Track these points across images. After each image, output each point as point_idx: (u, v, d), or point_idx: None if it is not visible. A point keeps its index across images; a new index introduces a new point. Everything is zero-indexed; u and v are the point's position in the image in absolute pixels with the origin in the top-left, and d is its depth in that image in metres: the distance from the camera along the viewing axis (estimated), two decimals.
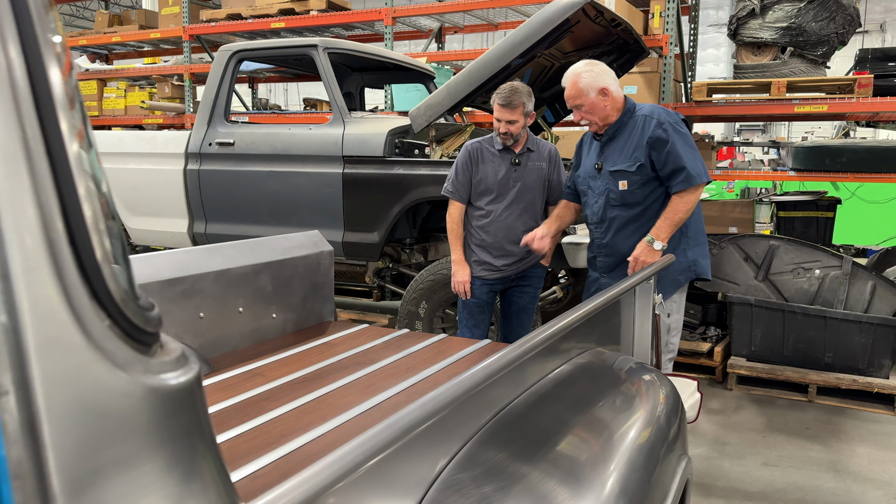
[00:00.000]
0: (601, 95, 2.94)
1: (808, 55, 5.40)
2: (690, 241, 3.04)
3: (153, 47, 9.74)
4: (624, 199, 3.00)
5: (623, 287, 1.94)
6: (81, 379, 0.43)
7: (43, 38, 0.46)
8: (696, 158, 2.90)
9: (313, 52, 4.57)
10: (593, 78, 2.93)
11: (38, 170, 0.43)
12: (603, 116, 2.98)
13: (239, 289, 2.56)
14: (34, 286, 0.41)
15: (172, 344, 0.59)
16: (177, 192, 4.96)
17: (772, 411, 4.17)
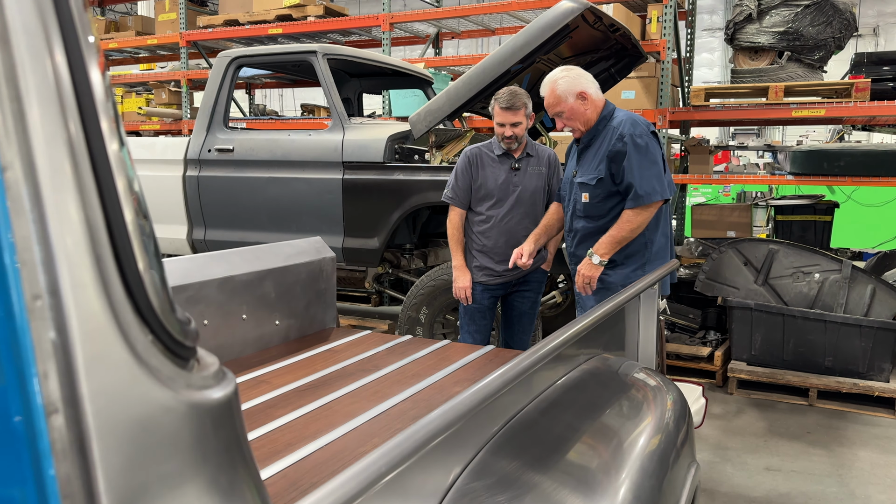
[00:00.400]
0: (580, 100, 2.87)
1: (805, 59, 5.43)
2: (652, 258, 2.94)
3: (150, 53, 9.72)
4: (587, 211, 2.94)
5: (629, 294, 1.94)
6: (128, 396, 0.42)
7: (84, 40, 0.46)
8: (651, 176, 2.78)
9: (312, 59, 4.57)
10: (570, 83, 2.85)
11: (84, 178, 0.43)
12: (584, 121, 2.91)
13: (243, 296, 2.55)
14: (82, 303, 0.41)
15: (209, 357, 0.59)
16: (176, 199, 4.95)
17: (773, 415, 4.18)
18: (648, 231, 2.90)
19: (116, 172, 0.46)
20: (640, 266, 2.93)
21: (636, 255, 2.93)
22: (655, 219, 2.92)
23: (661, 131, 5.66)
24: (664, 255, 2.99)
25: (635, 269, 2.92)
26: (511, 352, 2.66)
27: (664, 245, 3.00)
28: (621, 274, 2.93)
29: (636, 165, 2.77)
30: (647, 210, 2.81)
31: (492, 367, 2.46)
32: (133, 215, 0.47)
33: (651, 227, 2.91)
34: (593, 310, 1.84)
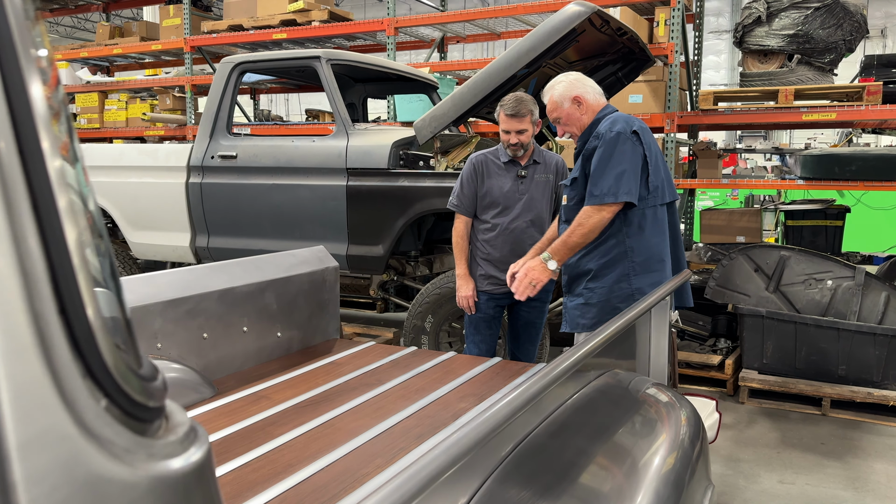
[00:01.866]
0: (575, 105, 2.77)
1: (815, 62, 5.35)
2: (637, 268, 2.70)
3: (155, 59, 9.72)
4: (567, 214, 2.80)
5: (641, 308, 1.87)
6: (74, 477, 0.36)
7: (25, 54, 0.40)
8: (611, 175, 2.60)
9: (316, 64, 4.52)
10: (566, 88, 2.77)
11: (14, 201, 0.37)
12: (580, 126, 2.80)
13: (243, 308, 2.50)
14: (13, 370, 0.34)
15: (179, 415, 0.52)
16: (179, 206, 4.91)
17: (785, 425, 4.09)
18: (628, 238, 2.70)
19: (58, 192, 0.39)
20: (623, 277, 2.71)
21: (616, 266, 2.71)
22: (640, 225, 2.70)
23: (669, 135, 5.59)
24: (657, 266, 2.74)
25: (618, 282, 2.72)
26: (517, 364, 2.59)
27: (657, 253, 2.75)
28: (603, 287, 2.74)
29: (597, 162, 2.63)
30: (601, 211, 2.63)
31: (498, 380, 2.40)
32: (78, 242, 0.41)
33: (632, 233, 2.70)
34: (606, 325, 1.77)
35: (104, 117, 8.69)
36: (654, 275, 2.71)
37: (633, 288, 2.71)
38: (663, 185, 2.76)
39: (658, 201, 2.73)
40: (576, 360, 1.54)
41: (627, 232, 2.70)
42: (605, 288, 2.73)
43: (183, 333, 2.28)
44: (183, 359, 2.26)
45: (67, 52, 9.02)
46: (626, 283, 2.72)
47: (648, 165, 2.69)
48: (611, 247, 2.71)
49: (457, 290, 3.44)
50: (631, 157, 2.64)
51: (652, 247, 2.72)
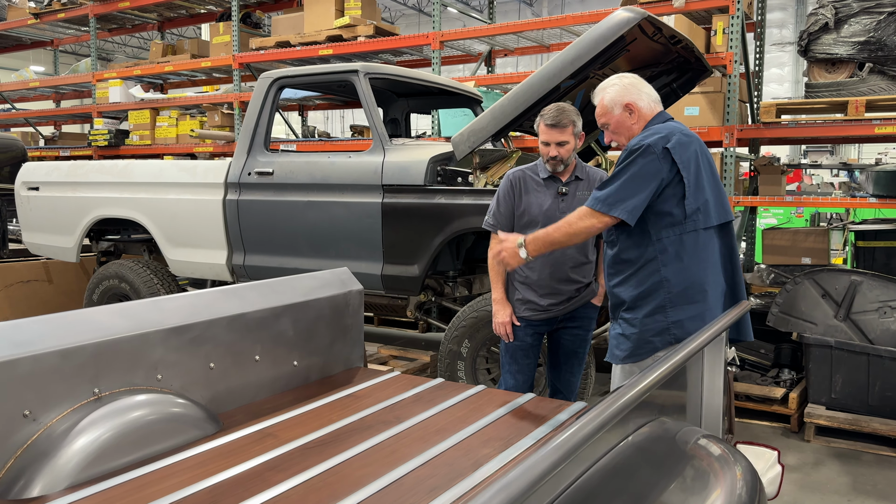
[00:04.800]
0: (626, 112, 2.53)
1: (889, 71, 4.96)
2: (675, 300, 2.43)
3: (206, 76, 9.83)
4: (606, 234, 2.57)
5: (692, 348, 1.62)
6: None
7: None
8: (620, 187, 2.39)
9: (354, 78, 4.38)
10: (618, 92, 2.54)
11: None
12: (629, 136, 2.55)
13: (256, 335, 2.33)
14: None
15: None
16: (216, 223, 4.82)
17: (857, 469, 3.71)
18: (664, 267, 2.44)
19: None
20: (658, 310, 2.45)
21: (651, 297, 2.46)
22: (675, 253, 2.44)
23: (728, 150, 5.26)
24: (698, 296, 2.46)
25: (652, 314, 2.46)
26: (551, 403, 2.35)
27: (697, 283, 2.46)
28: (636, 318, 2.49)
29: (620, 175, 2.42)
30: (593, 217, 2.44)
31: (529, 422, 2.16)
32: None
33: (667, 261, 2.44)
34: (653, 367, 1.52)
35: (155, 134, 8.80)
36: (695, 306, 2.44)
37: (670, 321, 2.44)
38: (708, 206, 2.46)
39: (700, 225, 2.44)
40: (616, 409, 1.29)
41: (663, 260, 2.44)
42: (639, 320, 2.49)
43: (187, 363, 2.12)
44: (186, 391, 2.10)
45: (122, 70, 9.19)
46: (662, 315, 2.46)
47: (685, 186, 2.42)
48: (645, 276, 2.47)
49: (493, 315, 3.22)
50: (646, 175, 2.39)
51: (692, 276, 2.45)
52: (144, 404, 1.96)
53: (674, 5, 5.48)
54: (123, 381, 1.96)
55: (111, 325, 1.95)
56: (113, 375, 1.93)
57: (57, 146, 10.38)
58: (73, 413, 1.83)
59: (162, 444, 1.93)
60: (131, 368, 1.98)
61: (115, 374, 1.94)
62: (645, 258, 2.46)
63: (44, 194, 5.62)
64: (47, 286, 6.41)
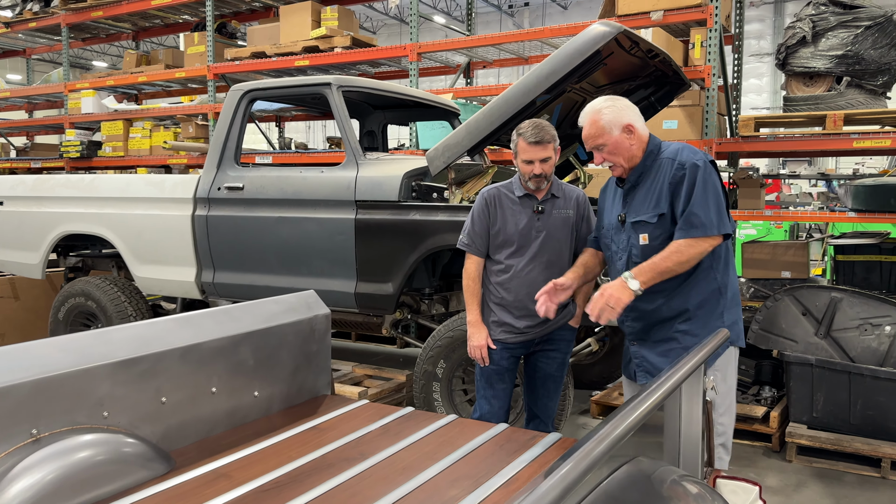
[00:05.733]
0: (626, 133, 2.53)
1: (866, 85, 4.94)
2: (727, 303, 2.57)
3: (181, 86, 9.67)
4: (646, 255, 2.52)
5: (671, 384, 1.52)
6: None
7: None
8: (712, 207, 2.44)
9: (327, 91, 4.28)
10: (616, 114, 2.53)
11: None
12: (628, 157, 2.56)
13: (212, 366, 2.21)
14: None
15: None
16: (185, 240, 4.69)
17: (839, 490, 3.64)
18: (720, 274, 2.55)
19: None
20: (717, 316, 2.56)
21: (711, 304, 2.55)
22: (725, 260, 2.58)
23: None
24: (739, 300, 2.65)
25: (713, 319, 2.54)
26: (525, 434, 2.25)
27: (737, 287, 2.66)
28: (699, 327, 2.54)
29: (696, 192, 2.44)
30: (700, 243, 2.44)
31: (501, 456, 2.06)
32: None
33: (721, 269, 2.57)
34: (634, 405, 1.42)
35: (129, 145, 8.62)
36: (737, 309, 2.62)
37: (727, 324, 2.54)
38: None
39: (732, 231, 2.56)
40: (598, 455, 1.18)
41: (717, 267, 2.55)
42: (703, 328, 2.53)
43: (136, 398, 1.99)
44: (135, 428, 1.98)
45: (94, 80, 9.01)
46: (720, 321, 2.55)
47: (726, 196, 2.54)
48: (704, 285, 2.54)
49: (468, 338, 3.10)
50: (718, 187, 2.50)
51: (734, 281, 2.64)
52: (88, 444, 1.83)
53: (651, 18, 5.43)
54: (65, 421, 1.84)
55: (51, 359, 1.82)
56: (53, 414, 1.80)
57: (28, 157, 10.16)
58: (7, 457, 1.70)
59: (107, 486, 1.80)
60: (74, 406, 1.85)
61: (56, 413, 1.81)
62: (702, 267, 2.52)
63: (8, 209, 5.45)
64: (13, 303, 6.22)
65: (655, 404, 1.47)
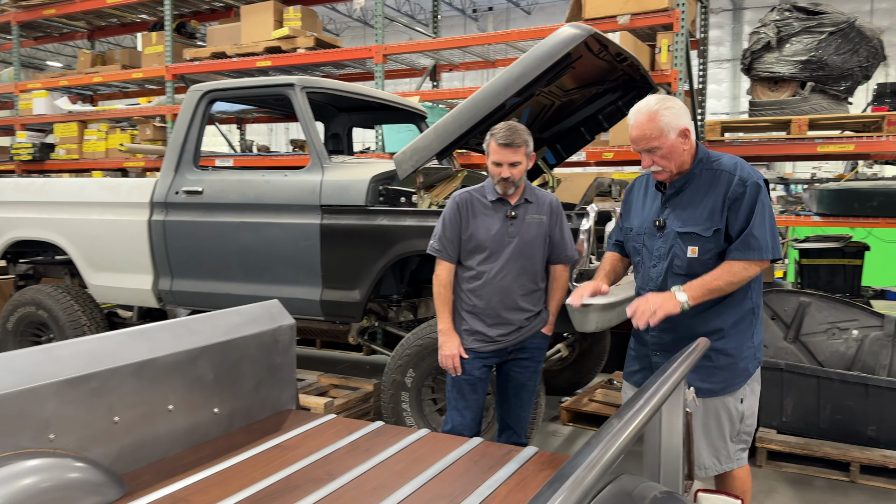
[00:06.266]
0: (682, 138, 2.40)
1: (830, 90, 4.98)
2: (757, 323, 2.54)
3: (139, 87, 9.40)
4: (692, 268, 2.43)
5: (658, 400, 1.45)
6: None
7: None
8: (768, 230, 2.38)
9: (290, 92, 4.15)
10: (674, 116, 2.39)
11: None
12: (679, 164, 2.44)
13: (169, 381, 2.08)
14: None
15: None
16: (141, 246, 4.50)
17: (810, 495, 3.64)
18: (755, 294, 2.52)
19: None
20: (749, 336, 2.51)
21: (743, 323, 2.49)
22: (759, 280, 2.54)
23: None
24: (762, 321, 2.63)
25: (746, 339, 2.50)
26: (501, 449, 2.16)
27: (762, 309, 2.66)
28: (733, 346, 2.48)
29: (756, 213, 2.37)
30: (753, 266, 2.39)
31: (476, 473, 1.97)
32: None
33: (756, 289, 2.53)
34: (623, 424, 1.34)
35: (83, 148, 8.35)
36: (762, 327, 2.60)
37: (756, 344, 2.52)
38: None
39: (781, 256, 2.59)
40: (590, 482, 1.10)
41: (754, 287, 2.51)
42: (734, 347, 2.48)
43: (86, 419, 1.85)
44: (85, 451, 1.84)
45: (47, 80, 8.71)
46: (751, 341, 2.52)
47: None
48: (743, 304, 2.49)
49: (439, 347, 3.00)
50: (771, 209, 2.47)
51: (761, 300, 2.61)
52: (33, 470, 1.69)
53: (618, 22, 5.42)
54: (7, 445, 1.69)
55: None
56: None
57: None
58: None
59: None
60: (17, 429, 1.71)
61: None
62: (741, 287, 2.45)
63: None
64: None
65: (646, 420, 1.39)
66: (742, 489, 2.59)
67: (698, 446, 2.55)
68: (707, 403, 2.50)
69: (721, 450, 2.53)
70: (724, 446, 2.54)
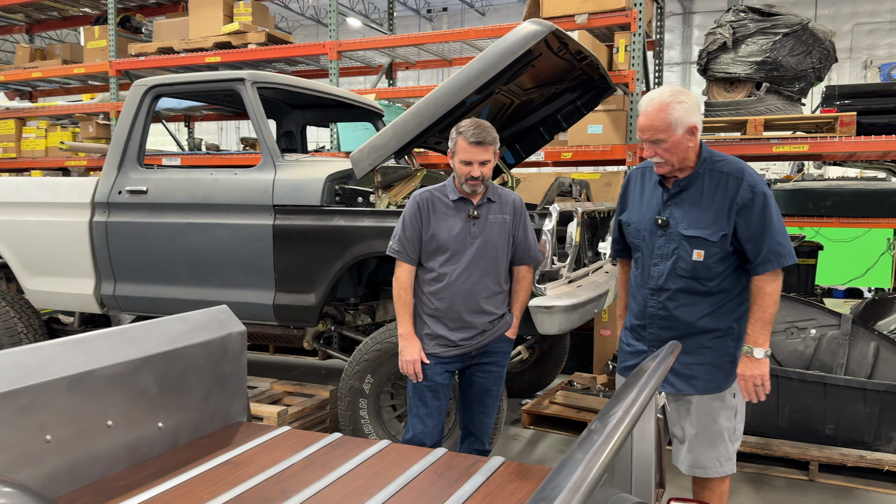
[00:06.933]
0: (688, 134, 2.37)
1: (784, 91, 5.03)
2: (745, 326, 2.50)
3: (81, 83, 9.03)
4: (696, 271, 2.42)
5: (636, 411, 1.37)
6: None
7: None
8: (785, 233, 2.39)
9: (240, 87, 3.98)
10: (685, 112, 2.35)
11: None
12: (682, 159, 2.41)
13: (108, 395, 1.92)
14: None
15: None
16: (82, 248, 4.27)
17: (770, 495, 3.63)
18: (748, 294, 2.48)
19: None
20: (739, 336, 2.50)
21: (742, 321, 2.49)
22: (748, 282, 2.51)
23: (631, 168, 5.19)
24: None
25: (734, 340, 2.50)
26: (466, 460, 2.06)
27: None
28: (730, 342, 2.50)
29: (771, 221, 2.35)
30: (780, 275, 2.41)
31: (441, 487, 1.86)
32: None
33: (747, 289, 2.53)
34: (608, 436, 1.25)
35: (21, 146, 7.97)
36: None
37: (737, 346, 2.49)
38: None
39: None
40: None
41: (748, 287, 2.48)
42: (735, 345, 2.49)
43: (13, 437, 1.68)
44: (12, 472, 1.67)
45: None
46: (741, 339, 2.49)
47: None
48: (744, 302, 2.48)
49: (400, 352, 2.88)
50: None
51: None
52: None
53: (576, 21, 5.38)
54: None
55: None
56: None
57: None
58: None
59: None
60: None
61: None
62: (740, 286, 2.46)
63: None
64: None
65: (628, 429, 1.31)
66: (723, 490, 2.59)
67: (697, 447, 2.55)
68: (706, 402, 2.50)
69: (722, 450, 2.52)
70: (725, 446, 2.53)
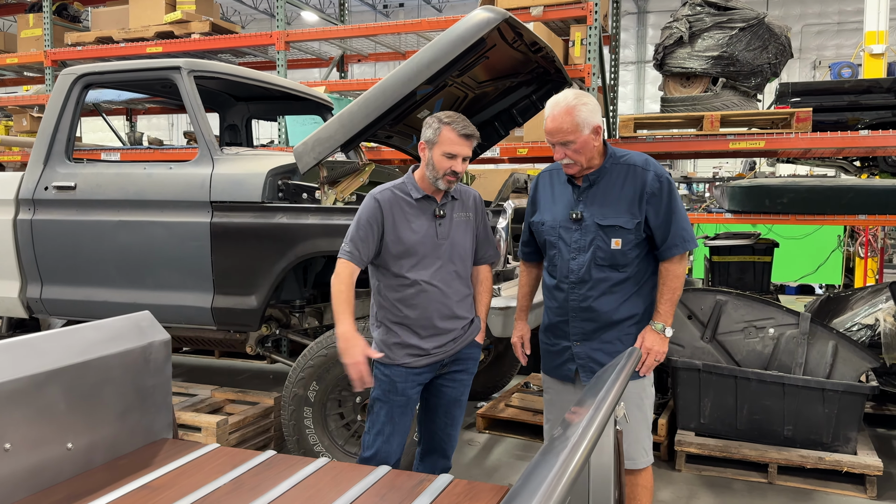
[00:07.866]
0: (594, 134, 2.50)
1: (740, 87, 4.98)
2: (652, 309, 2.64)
3: (16, 75, 8.57)
4: (614, 258, 2.53)
5: (597, 425, 1.21)
6: None
7: None
8: (686, 220, 2.55)
9: (175, 76, 3.73)
10: (590, 112, 2.49)
11: None
12: (589, 158, 2.53)
13: (5, 415, 1.69)
14: None
15: None
16: (5, 248, 3.97)
17: (730, 499, 3.55)
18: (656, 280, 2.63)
19: None
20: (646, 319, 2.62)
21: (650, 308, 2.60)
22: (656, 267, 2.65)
23: None
24: None
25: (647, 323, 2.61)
26: (412, 478, 1.89)
27: None
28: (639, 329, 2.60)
29: (676, 209, 2.52)
30: (685, 259, 2.59)
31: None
32: None
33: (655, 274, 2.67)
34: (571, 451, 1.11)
35: None
36: None
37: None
38: None
39: None
40: None
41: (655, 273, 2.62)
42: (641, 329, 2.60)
43: None
44: None
45: None
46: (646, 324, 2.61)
47: None
48: (652, 289, 2.61)
49: (341, 355, 2.58)
50: None
51: None
52: None
53: (531, 14, 5.25)
54: None
55: None
56: None
57: None
58: None
59: None
60: None
61: None
62: (650, 272, 2.59)
63: None
64: None
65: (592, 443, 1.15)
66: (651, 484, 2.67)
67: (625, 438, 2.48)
68: (629, 389, 2.52)
69: (646, 439, 2.61)
70: (647, 435, 2.64)
